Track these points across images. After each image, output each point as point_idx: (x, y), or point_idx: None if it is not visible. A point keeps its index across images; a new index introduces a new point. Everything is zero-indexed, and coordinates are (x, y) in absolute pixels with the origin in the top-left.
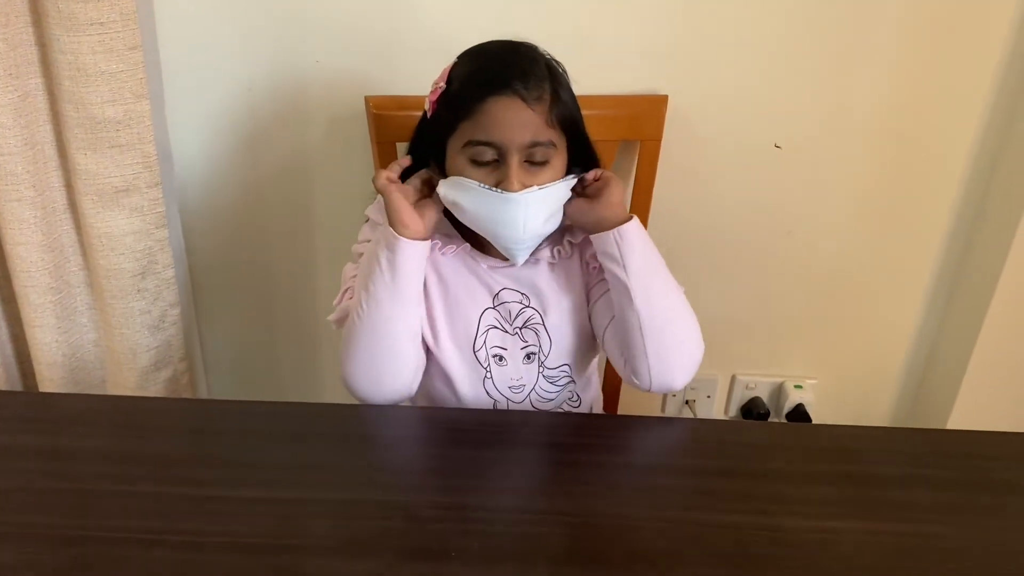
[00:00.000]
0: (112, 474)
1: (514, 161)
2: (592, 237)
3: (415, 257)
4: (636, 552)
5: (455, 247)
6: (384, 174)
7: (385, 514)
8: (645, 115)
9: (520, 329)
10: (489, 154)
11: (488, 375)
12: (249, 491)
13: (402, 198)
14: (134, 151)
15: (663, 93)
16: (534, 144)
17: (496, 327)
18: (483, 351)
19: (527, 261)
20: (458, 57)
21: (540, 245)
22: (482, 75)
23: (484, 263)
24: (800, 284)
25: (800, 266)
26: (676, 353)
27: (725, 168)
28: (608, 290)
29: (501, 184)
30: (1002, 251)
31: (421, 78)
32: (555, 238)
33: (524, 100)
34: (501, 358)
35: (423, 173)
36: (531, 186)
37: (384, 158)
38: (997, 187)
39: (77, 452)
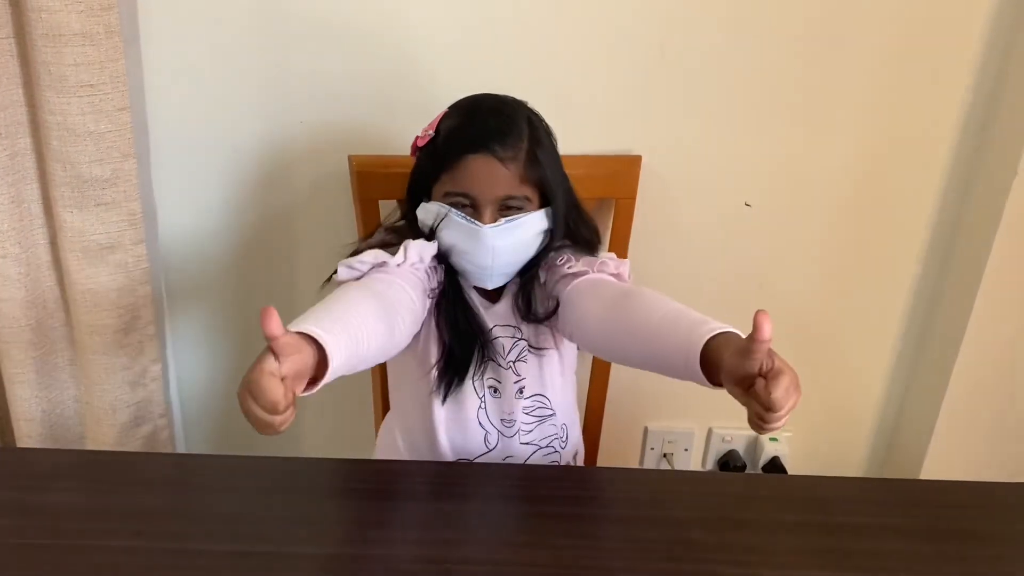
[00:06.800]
0: (91, 529)
1: (487, 211)
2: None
3: None
4: None
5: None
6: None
7: (366, 568)
8: (620, 174)
9: (513, 363)
10: (466, 204)
11: (483, 405)
12: (229, 545)
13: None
14: (120, 209)
15: (637, 153)
16: (507, 198)
17: (491, 360)
18: (480, 382)
19: (507, 299)
20: (449, 107)
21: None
22: (463, 133)
23: (480, 304)
24: (772, 338)
25: (772, 320)
26: None
27: (697, 225)
28: (575, 285)
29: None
30: (968, 303)
31: (404, 138)
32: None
33: (499, 159)
34: (496, 390)
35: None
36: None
37: (367, 216)
38: (961, 241)
39: (55, 507)
